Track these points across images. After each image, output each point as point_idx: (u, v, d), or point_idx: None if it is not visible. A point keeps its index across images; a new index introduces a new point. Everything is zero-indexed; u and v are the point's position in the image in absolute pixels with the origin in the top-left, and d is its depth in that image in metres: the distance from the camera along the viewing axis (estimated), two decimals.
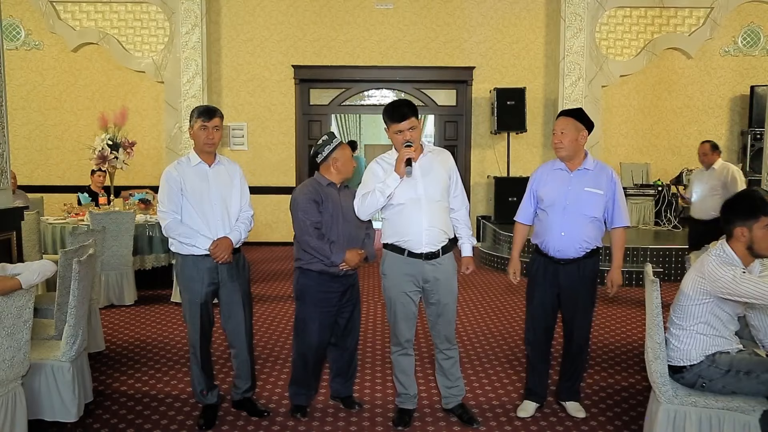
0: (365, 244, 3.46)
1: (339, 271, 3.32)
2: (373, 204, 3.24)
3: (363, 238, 3.47)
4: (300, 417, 3.45)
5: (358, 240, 3.43)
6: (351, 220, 3.38)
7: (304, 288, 3.40)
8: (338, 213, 3.35)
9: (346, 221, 3.36)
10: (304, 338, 3.44)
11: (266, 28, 9.55)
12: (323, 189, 3.38)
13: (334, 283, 3.37)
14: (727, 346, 2.78)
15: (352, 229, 3.39)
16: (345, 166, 3.41)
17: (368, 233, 3.52)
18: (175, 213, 3.30)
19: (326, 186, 3.39)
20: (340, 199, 3.39)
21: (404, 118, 3.18)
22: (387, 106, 3.29)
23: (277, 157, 9.70)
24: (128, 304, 5.94)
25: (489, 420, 3.47)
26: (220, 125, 3.36)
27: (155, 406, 3.62)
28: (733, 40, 9.75)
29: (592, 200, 3.35)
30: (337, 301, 3.41)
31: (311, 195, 3.32)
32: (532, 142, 9.66)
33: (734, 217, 2.71)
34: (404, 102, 3.28)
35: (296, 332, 3.51)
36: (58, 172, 9.82)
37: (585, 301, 3.42)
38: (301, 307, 3.44)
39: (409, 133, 3.18)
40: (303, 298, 3.41)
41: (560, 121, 3.40)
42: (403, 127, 3.18)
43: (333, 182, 3.40)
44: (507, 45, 9.61)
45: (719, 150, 6.12)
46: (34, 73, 9.70)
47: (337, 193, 3.39)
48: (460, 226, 3.42)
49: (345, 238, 3.34)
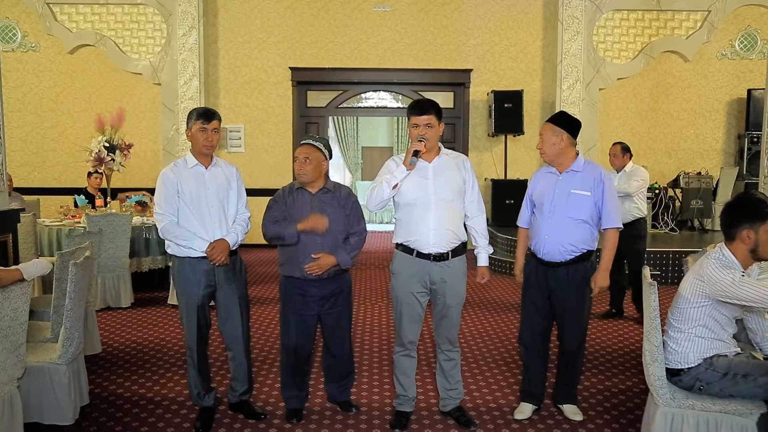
0: (340, 249, 3.31)
1: (308, 275, 3.27)
2: (380, 195, 3.22)
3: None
4: (295, 422, 3.44)
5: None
6: (332, 225, 3.29)
7: (282, 290, 3.42)
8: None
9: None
10: (283, 340, 3.48)
11: (263, 30, 9.55)
12: (292, 193, 3.37)
13: (311, 288, 3.33)
14: (725, 349, 2.78)
15: (337, 235, 3.32)
16: (299, 167, 3.32)
17: (349, 238, 3.36)
18: (172, 215, 3.29)
19: (296, 190, 3.38)
20: (320, 204, 3.32)
21: (423, 112, 3.20)
22: (414, 101, 3.38)
23: (275, 159, 9.69)
24: (125, 307, 5.92)
25: (486, 423, 3.46)
26: (218, 127, 3.35)
27: (152, 409, 3.61)
28: (731, 43, 9.78)
29: (579, 202, 3.32)
30: (316, 305, 3.37)
31: (277, 198, 3.40)
32: (529, 144, 9.65)
33: (741, 220, 2.70)
34: (429, 101, 3.30)
35: (280, 334, 3.56)
36: (54, 175, 9.80)
37: (575, 305, 3.39)
38: (281, 309, 3.46)
39: (424, 128, 3.19)
40: (282, 300, 3.44)
41: (543, 127, 3.44)
42: (419, 121, 3.19)
43: (302, 187, 3.35)
44: (504, 48, 9.63)
45: (630, 152, 5.76)
46: (30, 75, 9.68)
47: (309, 198, 3.33)
48: (476, 235, 3.40)
49: (322, 245, 3.27)
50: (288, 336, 3.43)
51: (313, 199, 3.34)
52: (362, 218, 3.45)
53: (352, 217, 3.40)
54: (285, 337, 3.45)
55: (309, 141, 3.38)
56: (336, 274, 3.36)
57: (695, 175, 8.83)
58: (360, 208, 3.47)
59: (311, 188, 3.36)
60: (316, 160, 3.32)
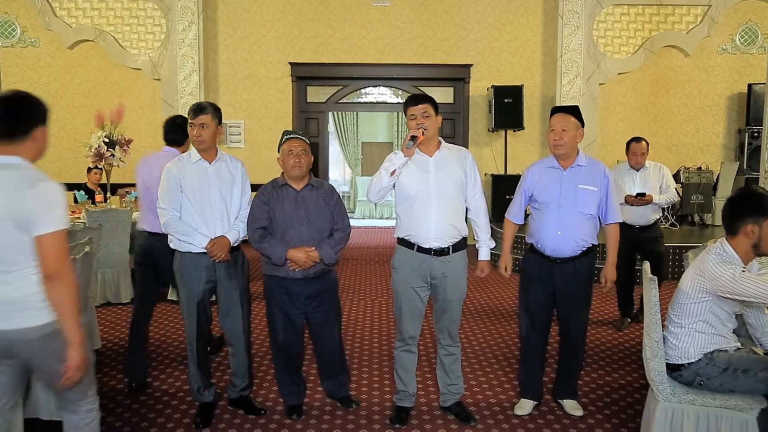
0: (323, 243, 3.29)
1: (294, 273, 3.25)
2: (379, 183, 3.23)
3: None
4: (295, 417, 3.44)
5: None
6: (316, 221, 3.29)
7: (267, 290, 3.41)
8: (298, 215, 3.28)
9: (311, 223, 3.28)
10: (272, 338, 3.48)
11: (263, 25, 9.52)
12: (277, 190, 3.33)
13: (295, 287, 3.31)
14: (725, 344, 2.78)
15: (322, 232, 3.32)
16: (284, 162, 3.31)
17: (333, 234, 3.35)
18: (174, 210, 3.29)
19: (280, 187, 3.34)
20: (305, 200, 3.30)
21: (418, 102, 3.22)
22: (408, 96, 3.38)
23: (274, 155, 9.47)
24: (125, 302, 5.91)
25: (486, 418, 3.47)
26: (208, 122, 3.29)
27: (152, 404, 3.61)
28: (731, 38, 9.75)
29: (587, 197, 3.34)
30: (302, 304, 3.36)
31: (261, 197, 3.33)
32: (529, 139, 9.66)
33: (745, 214, 2.69)
34: (423, 94, 3.32)
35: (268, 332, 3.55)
36: (54, 170, 9.76)
37: (581, 299, 3.42)
38: (267, 307, 3.45)
39: (421, 118, 3.19)
40: (267, 299, 3.43)
41: (560, 118, 3.36)
42: (416, 111, 3.20)
43: (287, 183, 3.33)
44: (504, 43, 9.60)
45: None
46: (30, 70, 9.66)
47: (294, 195, 3.31)
48: (477, 230, 3.42)
49: (308, 241, 3.26)
50: (276, 335, 3.42)
51: (298, 196, 3.31)
52: (346, 215, 3.45)
53: (336, 214, 3.38)
54: (274, 336, 3.45)
55: (297, 135, 3.37)
56: (321, 272, 3.34)
57: (695, 170, 8.81)
58: (343, 205, 3.46)
59: (297, 185, 3.33)
60: (309, 154, 3.33)
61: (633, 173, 5.18)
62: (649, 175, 5.16)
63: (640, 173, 5.17)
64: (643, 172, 5.17)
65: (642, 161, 5.17)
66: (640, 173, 5.17)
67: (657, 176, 5.17)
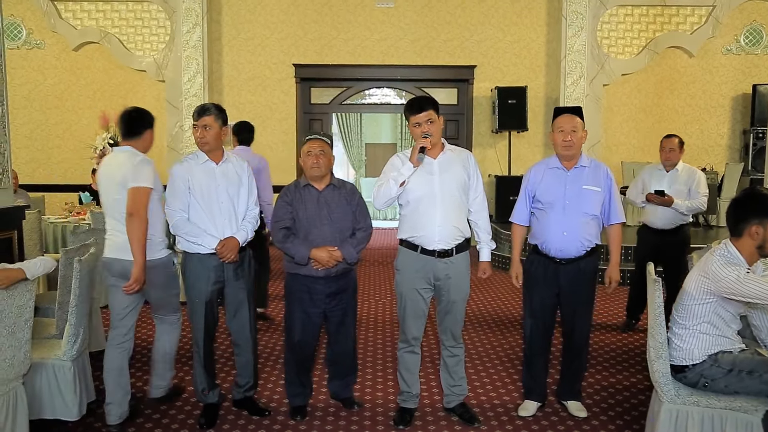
0: (345, 243, 3.31)
1: (316, 271, 3.28)
2: (387, 193, 3.22)
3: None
4: (299, 419, 3.44)
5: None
6: (339, 221, 3.32)
7: (288, 288, 3.43)
8: (321, 215, 3.30)
9: (333, 223, 3.31)
10: (287, 337, 3.49)
11: (267, 26, 9.54)
12: (299, 190, 3.35)
13: (317, 285, 3.33)
14: (730, 345, 2.78)
15: (344, 231, 3.34)
16: (304, 162, 3.35)
17: (355, 233, 3.37)
18: (182, 211, 3.30)
19: (303, 187, 3.36)
20: (327, 200, 3.33)
21: (422, 110, 3.21)
22: (408, 101, 3.35)
23: (278, 156, 9.68)
24: None
25: (490, 419, 3.46)
26: (211, 123, 3.30)
27: (156, 405, 3.62)
28: (736, 38, 9.73)
29: (591, 198, 3.35)
30: (322, 303, 3.37)
31: (284, 198, 3.36)
32: (533, 141, 9.65)
33: (750, 216, 2.69)
34: (424, 97, 3.33)
35: (284, 331, 3.55)
36: (59, 171, 9.82)
37: (585, 300, 3.42)
38: (286, 306, 3.47)
39: (426, 125, 3.19)
40: (287, 298, 3.44)
41: (567, 119, 3.37)
42: (420, 119, 3.20)
43: (309, 183, 3.35)
44: (508, 44, 9.60)
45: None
46: (35, 72, 9.70)
47: (317, 195, 3.33)
48: (479, 231, 3.42)
49: (331, 241, 3.28)
50: (293, 334, 3.43)
51: (320, 196, 3.34)
52: (368, 214, 3.46)
53: (358, 213, 3.40)
54: (290, 334, 3.46)
55: (318, 136, 3.40)
56: (343, 271, 3.36)
57: (700, 171, 8.78)
58: (365, 204, 3.48)
59: (319, 185, 3.35)
60: (328, 154, 3.35)
61: (662, 173, 4.98)
62: (678, 177, 4.92)
63: (669, 174, 4.95)
64: (673, 174, 4.94)
65: (672, 157, 4.92)
66: (670, 174, 4.94)
67: (687, 180, 4.90)
